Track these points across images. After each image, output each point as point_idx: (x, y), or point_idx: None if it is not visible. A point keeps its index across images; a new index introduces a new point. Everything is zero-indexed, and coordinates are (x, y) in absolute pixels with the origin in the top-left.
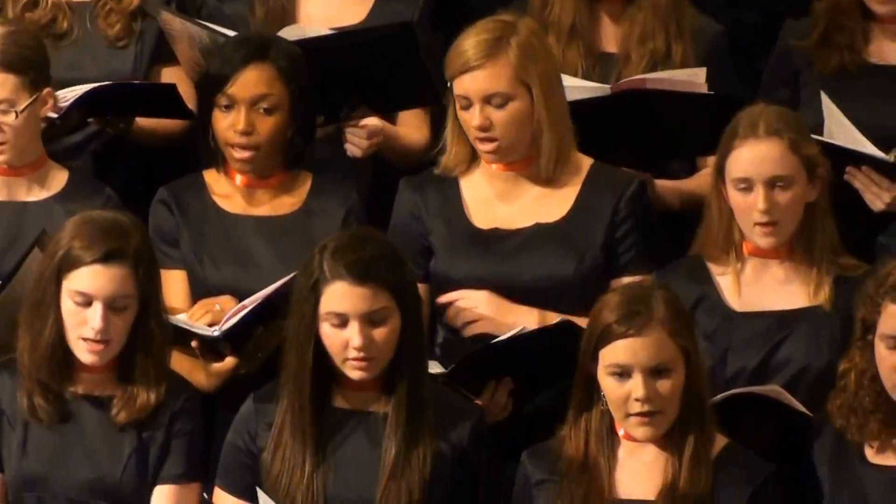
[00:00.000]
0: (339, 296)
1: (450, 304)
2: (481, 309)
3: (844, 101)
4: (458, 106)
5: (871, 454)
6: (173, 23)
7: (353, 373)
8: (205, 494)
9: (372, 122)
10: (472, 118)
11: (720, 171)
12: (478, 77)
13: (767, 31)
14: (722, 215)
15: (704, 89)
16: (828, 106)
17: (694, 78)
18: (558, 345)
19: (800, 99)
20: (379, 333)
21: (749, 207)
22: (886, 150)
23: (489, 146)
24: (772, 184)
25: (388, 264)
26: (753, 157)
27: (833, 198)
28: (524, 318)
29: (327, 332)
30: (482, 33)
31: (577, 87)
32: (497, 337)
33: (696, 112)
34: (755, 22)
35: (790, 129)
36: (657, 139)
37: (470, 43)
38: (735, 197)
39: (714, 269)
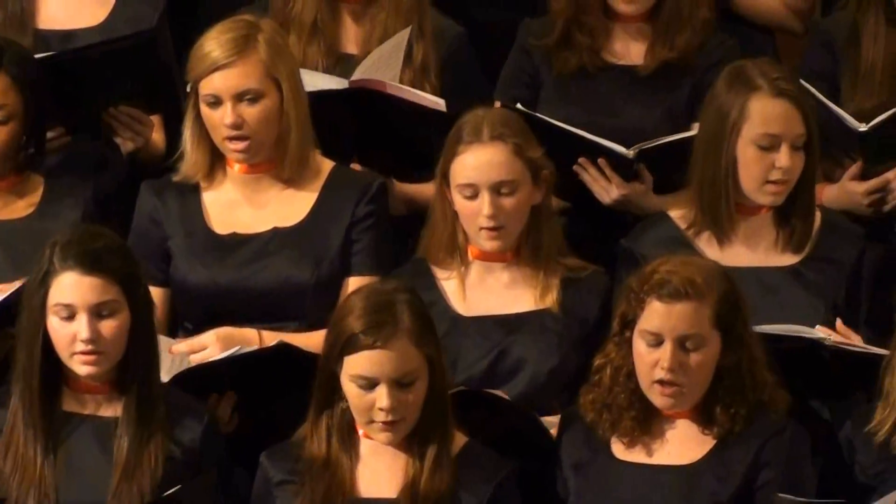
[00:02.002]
0: (68, 286)
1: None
2: (211, 351)
3: (583, 101)
4: (204, 107)
5: (619, 450)
6: None
7: (81, 368)
8: None
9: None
10: (223, 117)
11: (444, 176)
12: (229, 75)
13: (509, 31)
14: (446, 219)
15: (436, 105)
16: None
17: (401, 39)
18: (278, 364)
19: (539, 99)
20: (107, 327)
21: (474, 213)
22: None
23: (239, 145)
24: (497, 189)
25: (118, 258)
26: (478, 162)
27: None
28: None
29: (55, 325)
30: (227, 32)
31: (314, 79)
32: None
33: (427, 126)
34: (497, 21)
35: (514, 134)
36: (390, 145)
37: (216, 43)
38: (460, 202)
39: (439, 273)
